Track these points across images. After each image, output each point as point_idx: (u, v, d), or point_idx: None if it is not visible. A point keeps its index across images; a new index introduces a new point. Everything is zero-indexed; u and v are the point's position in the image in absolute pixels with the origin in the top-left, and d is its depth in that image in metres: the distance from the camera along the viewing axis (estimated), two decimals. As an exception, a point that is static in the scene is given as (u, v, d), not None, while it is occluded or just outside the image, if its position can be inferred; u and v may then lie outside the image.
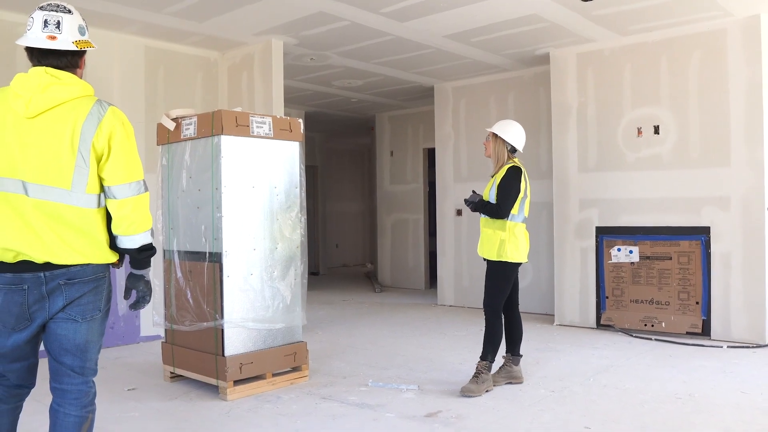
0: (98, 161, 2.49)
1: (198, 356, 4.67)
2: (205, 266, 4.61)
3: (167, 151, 4.96)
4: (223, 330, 4.49)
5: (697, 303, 6.43)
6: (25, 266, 2.45)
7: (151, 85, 6.68)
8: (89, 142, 2.45)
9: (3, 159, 2.45)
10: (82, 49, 2.54)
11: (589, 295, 7.10)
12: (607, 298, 6.97)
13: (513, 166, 4.63)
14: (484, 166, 8.55)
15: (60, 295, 2.48)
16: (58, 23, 2.49)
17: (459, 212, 8.85)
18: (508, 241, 4.56)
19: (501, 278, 4.62)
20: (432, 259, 10.59)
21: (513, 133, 4.70)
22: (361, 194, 15.40)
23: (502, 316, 4.70)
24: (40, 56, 2.52)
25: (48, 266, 2.46)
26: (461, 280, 8.86)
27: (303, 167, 4.99)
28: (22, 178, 2.43)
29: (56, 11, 2.50)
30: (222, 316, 4.48)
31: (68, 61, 2.53)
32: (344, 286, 11.26)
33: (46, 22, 2.49)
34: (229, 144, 4.55)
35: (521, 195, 4.59)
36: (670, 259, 6.60)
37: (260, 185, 4.74)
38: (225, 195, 4.53)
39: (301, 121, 5.02)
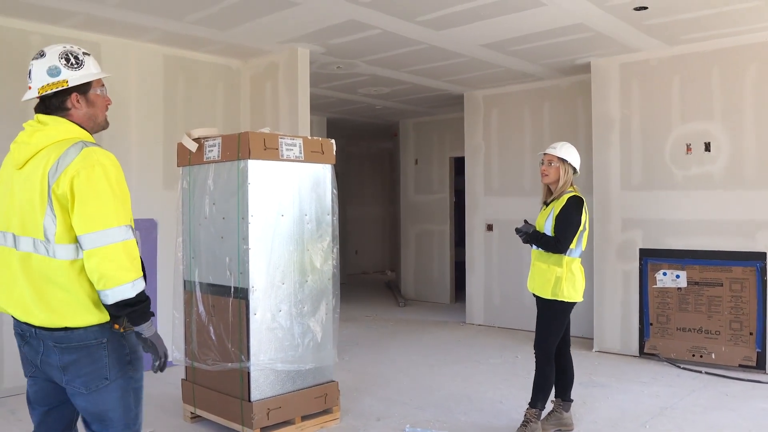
0: (64, 209, 2.25)
1: (221, 398, 4.30)
2: (230, 302, 4.23)
3: (188, 173, 4.59)
4: (249, 373, 4.11)
5: (750, 334, 5.99)
6: None
7: (170, 95, 6.30)
8: (51, 188, 2.24)
9: (1, 212, 2.42)
10: (47, 92, 2.35)
11: (632, 321, 6.66)
12: (651, 325, 6.54)
13: (574, 195, 4.18)
14: (517, 179, 8.13)
15: (54, 354, 2.30)
16: (30, 72, 2.41)
17: (490, 227, 8.42)
18: (564, 278, 4.11)
19: (554, 319, 4.19)
20: (458, 272, 10.16)
21: (576, 156, 4.28)
22: (381, 199, 14.94)
23: (553, 360, 4.27)
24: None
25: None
26: (491, 299, 8.44)
27: (336, 192, 4.59)
28: (13, 231, 2.36)
29: (33, 59, 2.41)
30: (248, 358, 4.10)
31: (47, 105, 2.41)
32: (366, 298, 10.86)
33: (29, 73, 2.42)
34: (256, 169, 4.17)
35: (580, 228, 4.15)
36: (721, 285, 6.16)
37: (290, 213, 4.35)
38: (252, 225, 4.14)
39: (333, 141, 4.63)
